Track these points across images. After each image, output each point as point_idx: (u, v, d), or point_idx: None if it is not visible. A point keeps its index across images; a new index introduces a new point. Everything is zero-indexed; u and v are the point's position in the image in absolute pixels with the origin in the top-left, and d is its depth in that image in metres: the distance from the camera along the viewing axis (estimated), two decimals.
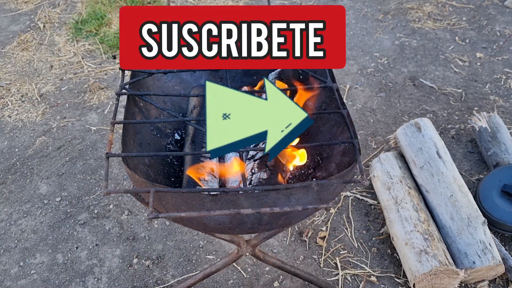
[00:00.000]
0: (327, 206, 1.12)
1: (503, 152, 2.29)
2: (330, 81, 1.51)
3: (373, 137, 2.59)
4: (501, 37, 3.25)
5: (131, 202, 2.31)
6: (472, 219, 1.96)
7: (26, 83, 3.05)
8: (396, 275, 2.01)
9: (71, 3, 3.76)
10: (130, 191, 1.20)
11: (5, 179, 2.46)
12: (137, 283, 2.00)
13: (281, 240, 2.14)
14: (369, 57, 3.14)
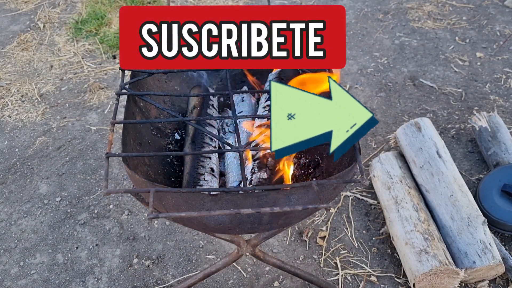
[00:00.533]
0: (327, 206, 1.12)
1: (503, 151, 2.29)
2: None
3: (373, 137, 2.59)
4: (501, 36, 3.25)
5: (131, 202, 2.31)
6: (472, 218, 1.96)
7: (26, 83, 3.05)
8: (396, 275, 2.01)
9: (71, 3, 3.76)
10: (130, 191, 1.20)
11: (5, 179, 2.46)
12: (137, 283, 2.00)
13: (281, 240, 2.14)
14: (369, 57, 3.14)
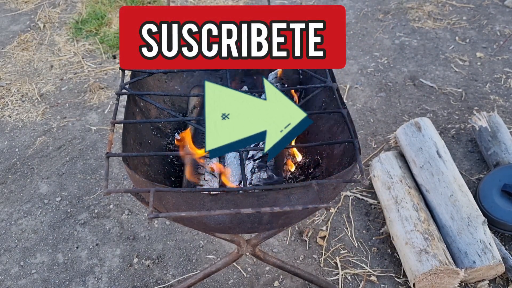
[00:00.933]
0: (327, 205, 1.12)
1: (503, 151, 2.29)
2: (330, 81, 1.51)
3: (373, 137, 2.59)
4: (501, 36, 3.25)
5: (132, 202, 2.31)
6: (472, 218, 1.97)
7: (26, 83, 3.05)
8: (396, 275, 2.01)
9: (71, 3, 3.76)
10: (130, 191, 1.21)
11: (5, 179, 2.46)
12: (138, 282, 2.01)
13: (281, 239, 2.14)
14: (369, 57, 3.14)
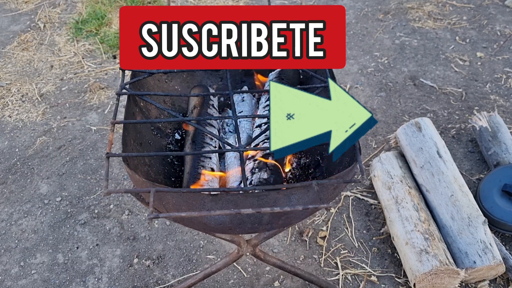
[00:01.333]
0: (327, 206, 1.12)
1: (503, 151, 2.29)
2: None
3: (373, 137, 2.59)
4: (502, 36, 3.25)
5: (132, 202, 2.31)
6: (472, 218, 1.96)
7: (26, 83, 3.05)
8: (397, 275, 2.01)
9: (71, 3, 3.76)
10: (130, 191, 1.20)
11: (5, 179, 2.46)
12: (138, 283, 2.01)
13: (281, 240, 2.14)
14: (370, 57, 3.14)
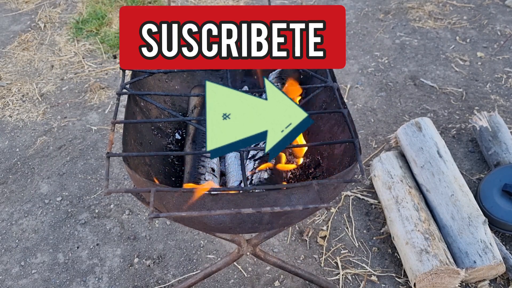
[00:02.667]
0: (327, 205, 1.12)
1: (503, 151, 2.29)
2: (331, 81, 1.51)
3: (373, 137, 2.59)
4: (502, 36, 3.25)
5: (132, 202, 2.31)
6: (472, 218, 1.96)
7: (27, 83, 3.05)
8: (397, 275, 2.01)
9: (71, 3, 3.76)
10: (130, 191, 1.21)
11: (6, 179, 2.46)
12: (138, 282, 2.01)
13: (281, 239, 2.14)
14: (370, 57, 3.14)
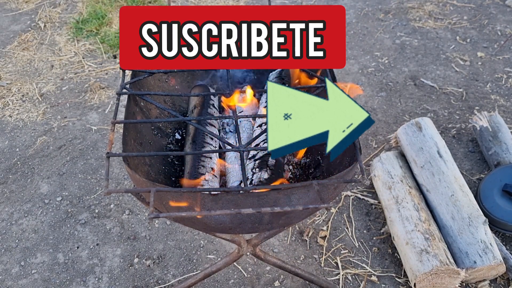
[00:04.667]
0: (327, 205, 1.12)
1: (504, 151, 2.28)
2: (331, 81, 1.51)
3: (373, 137, 2.59)
4: (502, 36, 3.25)
5: (132, 202, 2.31)
6: (473, 218, 1.96)
7: (27, 83, 3.05)
8: (397, 275, 2.01)
9: (71, 3, 3.76)
10: (130, 191, 1.20)
11: (6, 179, 2.46)
12: (138, 282, 2.01)
13: (281, 239, 2.14)
14: (370, 57, 3.14)
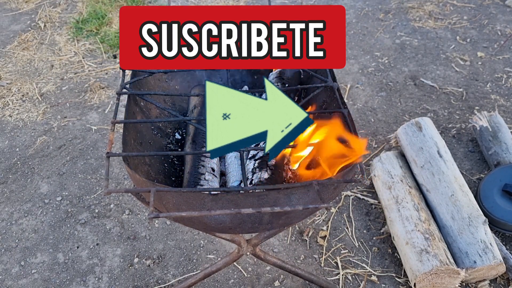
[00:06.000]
0: (327, 205, 1.12)
1: (504, 151, 2.28)
2: (331, 81, 1.51)
3: (374, 137, 2.59)
4: (502, 36, 3.25)
5: (132, 202, 2.31)
6: (473, 218, 1.96)
7: (27, 83, 3.05)
8: (397, 275, 2.01)
9: (71, 3, 3.76)
10: (130, 191, 1.20)
11: (6, 179, 2.46)
12: (138, 282, 2.01)
13: (281, 239, 2.14)
14: (370, 57, 3.14)
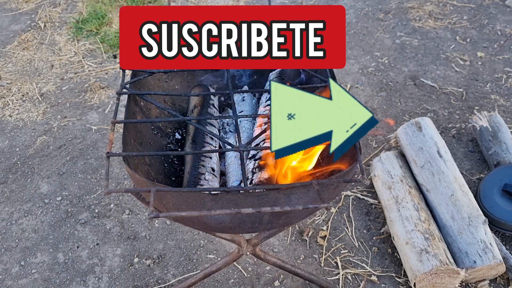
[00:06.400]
0: (327, 205, 1.12)
1: (503, 151, 2.29)
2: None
3: (373, 136, 2.59)
4: (502, 36, 3.25)
5: (132, 202, 2.31)
6: (472, 218, 1.96)
7: (27, 83, 3.05)
8: (397, 275, 2.01)
9: (71, 3, 3.76)
10: (130, 191, 1.21)
11: (6, 179, 2.46)
12: (138, 282, 2.01)
13: (281, 239, 2.14)
14: (370, 57, 3.14)
